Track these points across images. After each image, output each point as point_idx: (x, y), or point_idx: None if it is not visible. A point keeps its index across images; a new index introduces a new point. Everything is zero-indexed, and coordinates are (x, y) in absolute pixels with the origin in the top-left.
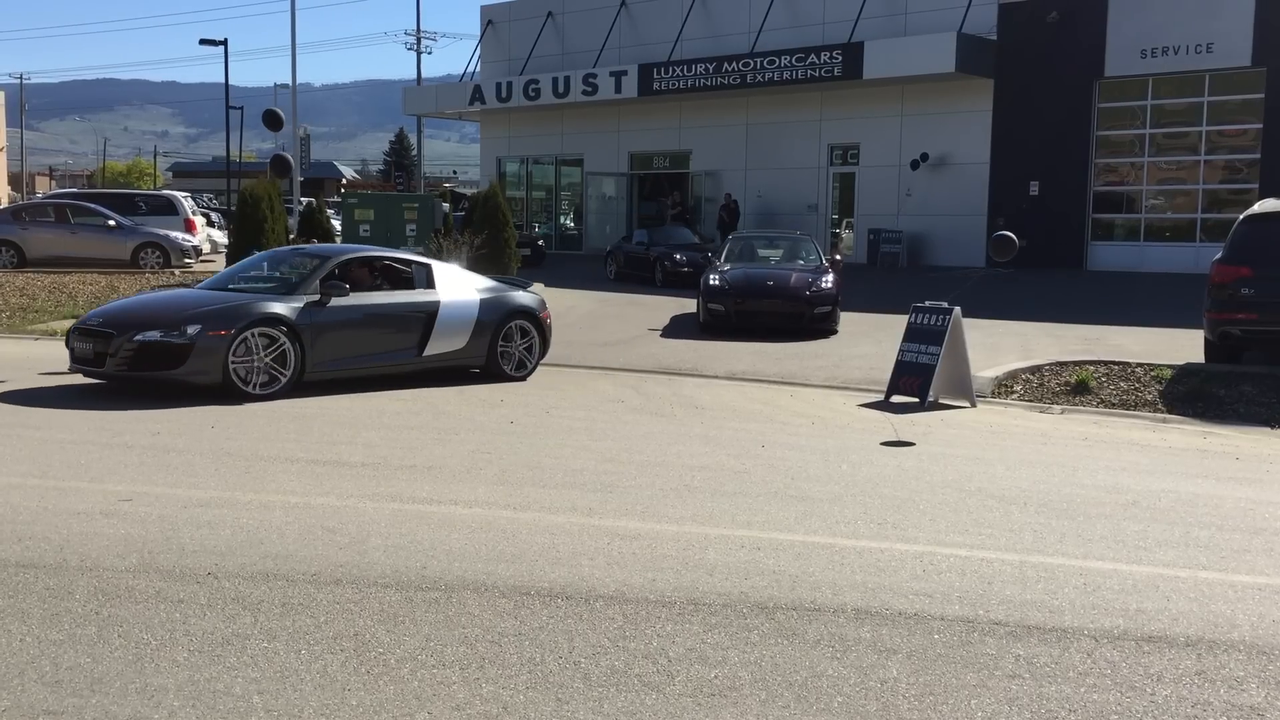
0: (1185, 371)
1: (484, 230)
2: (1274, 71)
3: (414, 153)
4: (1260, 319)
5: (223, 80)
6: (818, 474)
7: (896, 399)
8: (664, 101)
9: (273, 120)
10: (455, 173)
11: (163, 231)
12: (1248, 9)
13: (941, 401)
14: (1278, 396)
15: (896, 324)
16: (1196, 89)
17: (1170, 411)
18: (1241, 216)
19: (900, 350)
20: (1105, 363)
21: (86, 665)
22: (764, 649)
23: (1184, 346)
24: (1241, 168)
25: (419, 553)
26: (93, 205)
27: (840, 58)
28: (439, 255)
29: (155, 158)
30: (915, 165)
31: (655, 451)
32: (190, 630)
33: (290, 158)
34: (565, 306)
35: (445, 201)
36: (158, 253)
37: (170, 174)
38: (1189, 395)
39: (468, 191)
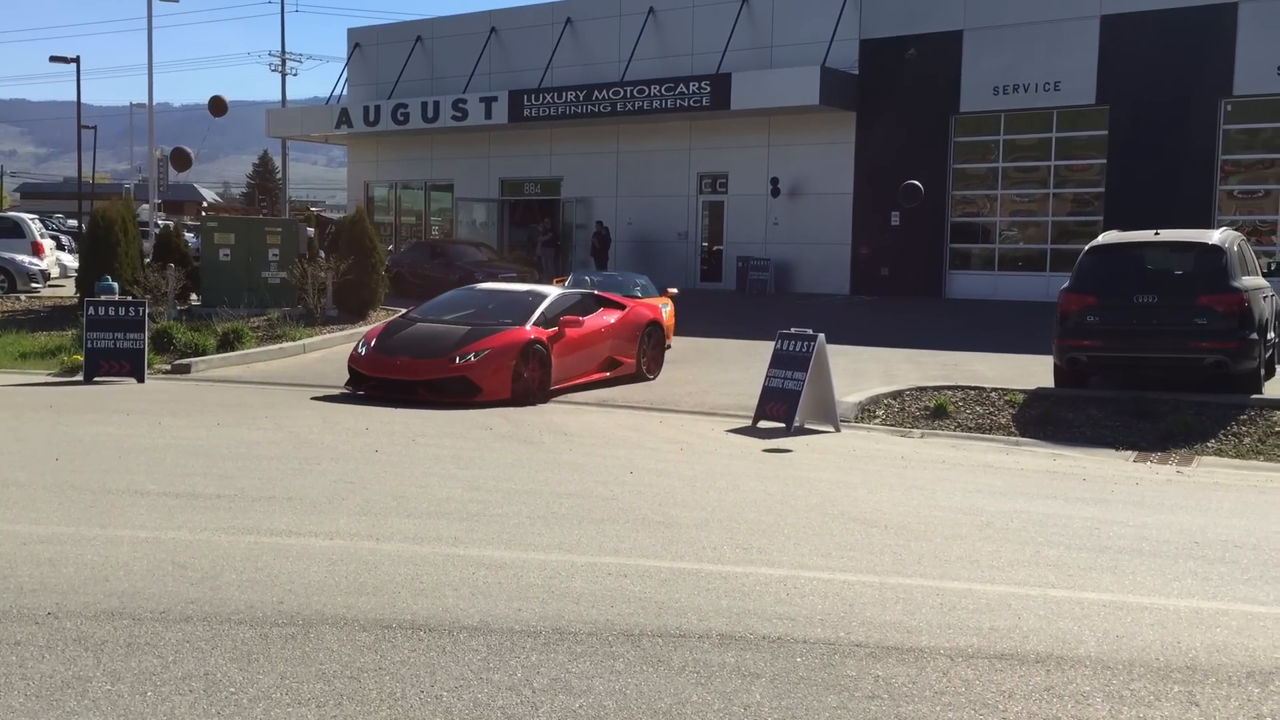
0: (1036, 396)
1: (350, 257)
2: (1116, 109)
3: (279, 176)
4: (1105, 345)
5: (75, 99)
6: (685, 499)
7: (764, 424)
8: (535, 128)
9: (181, 159)
10: (316, 208)
11: (8, 255)
12: (1092, 49)
13: (807, 426)
14: (1122, 420)
15: (764, 350)
16: (1045, 125)
17: (1023, 434)
18: (1086, 248)
19: (767, 376)
20: (962, 388)
21: None
22: (629, 677)
23: (1035, 372)
24: (1088, 200)
25: (276, 587)
26: None
27: (708, 88)
28: (303, 281)
29: (2, 178)
30: (775, 192)
31: (523, 479)
32: (27, 674)
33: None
34: None
35: (311, 226)
36: (2, 277)
37: (18, 195)
38: (1040, 419)
39: (335, 216)
